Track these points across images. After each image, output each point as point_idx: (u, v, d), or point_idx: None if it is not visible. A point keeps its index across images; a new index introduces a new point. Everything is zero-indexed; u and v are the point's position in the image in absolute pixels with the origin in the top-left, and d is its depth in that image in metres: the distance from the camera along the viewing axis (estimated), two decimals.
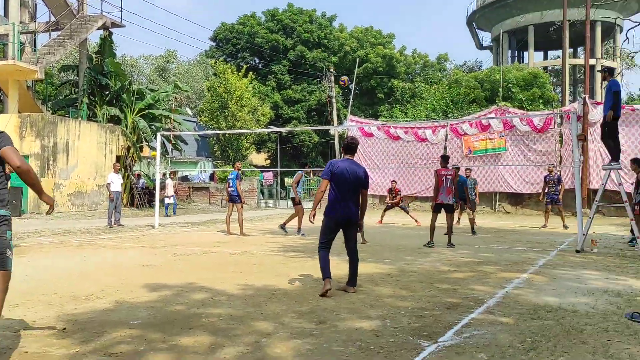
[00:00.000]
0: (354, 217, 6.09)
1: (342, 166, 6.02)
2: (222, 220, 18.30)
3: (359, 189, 6.09)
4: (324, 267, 5.96)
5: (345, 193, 5.98)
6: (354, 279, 6.15)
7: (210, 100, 34.67)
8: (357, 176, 6.02)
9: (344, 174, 5.97)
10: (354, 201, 6.06)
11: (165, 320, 4.86)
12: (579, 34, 37.06)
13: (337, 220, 6.05)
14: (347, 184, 5.97)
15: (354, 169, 6.04)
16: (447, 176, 10.40)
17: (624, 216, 15.83)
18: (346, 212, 5.99)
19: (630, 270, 7.58)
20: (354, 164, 6.13)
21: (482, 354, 3.89)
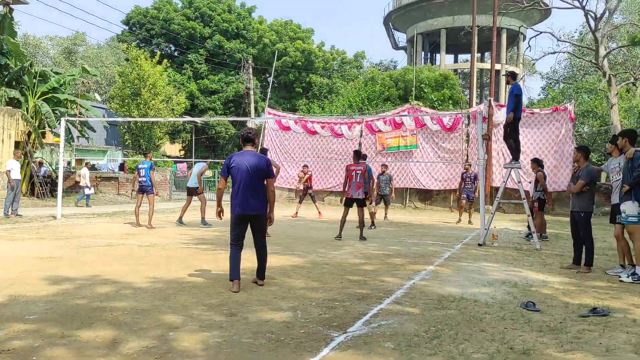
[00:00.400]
0: (257, 211, 5.82)
1: (240, 159, 5.82)
2: (131, 211, 17.59)
3: (262, 181, 5.86)
4: (232, 267, 5.77)
5: (244, 187, 5.75)
6: (262, 271, 6.04)
7: (122, 87, 33.09)
8: (256, 168, 5.78)
9: (240, 167, 5.76)
10: (256, 194, 5.80)
11: (65, 314, 4.59)
12: (486, 39, 39.11)
13: (237, 216, 5.81)
14: (246, 177, 5.75)
15: (253, 161, 5.81)
16: (357, 171, 10.62)
17: (521, 213, 16.94)
18: (246, 205, 5.75)
19: (525, 263, 8.11)
20: (253, 155, 5.90)
21: (389, 343, 4.00)
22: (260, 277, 6.02)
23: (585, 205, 7.50)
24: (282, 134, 23.65)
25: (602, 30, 25.68)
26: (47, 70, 23.79)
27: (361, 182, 10.64)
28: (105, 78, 50.31)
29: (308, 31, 48.12)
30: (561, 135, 19.62)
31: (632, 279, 6.60)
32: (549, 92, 46.71)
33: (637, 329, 4.49)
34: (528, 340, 4.12)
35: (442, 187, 21.37)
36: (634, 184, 6.59)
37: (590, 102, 36.98)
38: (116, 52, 54.12)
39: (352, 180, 10.62)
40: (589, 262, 7.42)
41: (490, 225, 10.77)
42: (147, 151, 13.31)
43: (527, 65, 38.31)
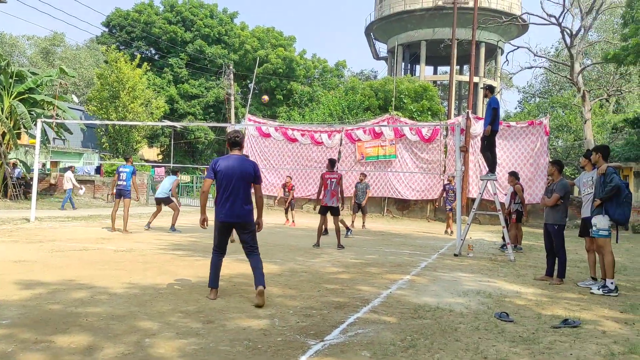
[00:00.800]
0: (244, 219, 5.58)
1: (226, 164, 5.56)
2: (107, 215, 17.37)
3: (249, 186, 5.60)
4: (212, 274, 5.64)
5: (230, 192, 5.50)
6: (261, 277, 5.53)
7: (100, 89, 32.73)
8: (243, 172, 5.54)
9: (227, 172, 5.51)
10: (243, 200, 5.54)
11: (38, 319, 4.53)
12: (465, 52, 39.73)
13: (222, 222, 5.59)
14: (232, 181, 5.50)
15: (240, 165, 5.56)
16: (332, 179, 10.71)
17: (497, 224, 17.19)
18: (231, 212, 5.51)
19: (500, 274, 8.24)
20: (240, 159, 5.63)
21: (365, 352, 4.04)
22: (260, 282, 5.48)
23: (559, 218, 7.66)
24: (263, 140, 23.63)
25: (578, 46, 26.32)
26: (24, 71, 23.42)
27: (336, 190, 10.74)
28: (83, 80, 49.67)
29: (290, 39, 48.26)
30: (536, 149, 19.99)
31: (603, 291, 6.75)
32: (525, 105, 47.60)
33: (606, 340, 4.61)
34: (501, 350, 4.19)
35: (419, 197, 21.57)
36: (606, 199, 6.76)
37: (565, 116, 37.79)
38: (95, 54, 53.51)
39: (327, 189, 10.73)
40: (561, 274, 7.57)
41: (466, 236, 10.92)
42: (129, 155, 13.17)
43: (504, 79, 39.01)
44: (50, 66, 45.38)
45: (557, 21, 25.94)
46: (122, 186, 12.25)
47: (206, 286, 6.18)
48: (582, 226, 7.59)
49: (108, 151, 35.07)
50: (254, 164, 5.73)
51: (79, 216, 16.63)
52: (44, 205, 20.00)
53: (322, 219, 10.96)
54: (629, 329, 5.05)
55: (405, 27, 46.11)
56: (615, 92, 34.58)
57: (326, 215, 11.01)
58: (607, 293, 6.70)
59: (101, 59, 45.30)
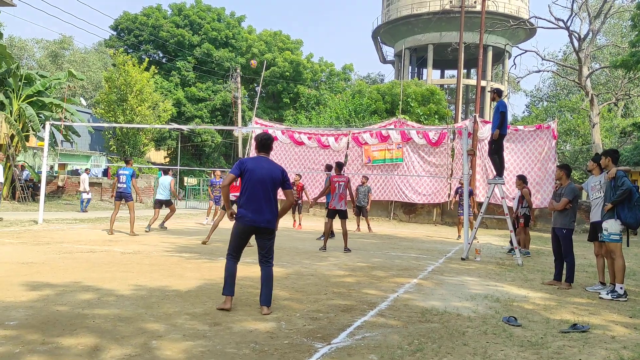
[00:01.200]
0: (268, 225, 5.27)
1: (255, 165, 5.28)
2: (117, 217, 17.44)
3: (275, 191, 5.36)
4: (227, 281, 5.26)
5: (257, 195, 5.21)
6: (268, 297, 5.27)
7: (108, 92, 32.89)
8: (272, 176, 5.28)
9: (256, 174, 5.23)
10: (269, 206, 5.26)
11: (46, 320, 4.54)
12: (472, 56, 39.72)
13: (245, 226, 5.25)
14: (260, 184, 5.22)
15: (269, 168, 5.31)
16: (340, 183, 10.68)
17: (504, 228, 17.11)
18: (257, 217, 5.20)
19: (507, 278, 8.19)
20: (269, 162, 5.39)
21: (372, 355, 4.02)
22: (265, 302, 5.24)
23: (567, 222, 7.61)
24: None
25: (586, 50, 26.21)
26: (33, 74, 23.58)
27: (344, 194, 10.70)
28: (91, 83, 49.98)
29: (297, 42, 48.35)
30: (544, 153, 19.88)
31: (612, 296, 6.69)
32: (533, 109, 47.46)
33: (615, 345, 4.56)
34: (510, 355, 4.16)
35: (426, 201, 21.50)
36: (617, 203, 6.70)
37: (573, 120, 37.64)
38: (103, 57, 53.83)
39: (335, 192, 10.68)
40: (569, 279, 7.51)
41: (473, 239, 10.86)
42: (129, 158, 13.16)
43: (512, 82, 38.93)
44: (58, 69, 45.72)
45: (565, 25, 25.85)
46: (122, 189, 12.19)
47: (213, 288, 6.18)
48: (591, 230, 7.52)
49: (115, 154, 35.22)
50: (282, 169, 5.49)
51: (87, 218, 16.70)
52: (51, 208, 20.09)
53: (330, 222, 10.94)
54: (639, 334, 5.00)
55: (413, 30, 46.14)
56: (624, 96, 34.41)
57: (333, 219, 10.97)
58: (616, 298, 6.64)
59: (109, 62, 45.58)
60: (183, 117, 43.07)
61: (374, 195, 21.15)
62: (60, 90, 27.66)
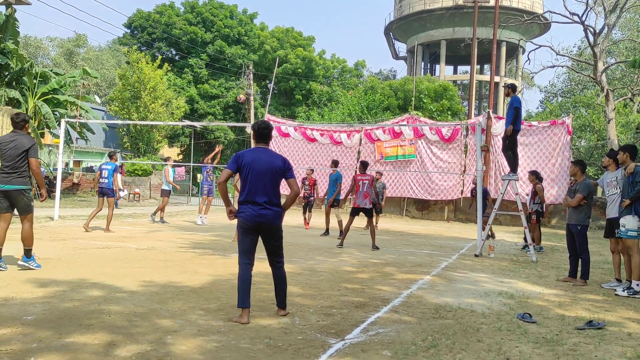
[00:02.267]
0: (272, 222, 4.85)
1: (252, 156, 4.87)
2: (127, 214, 17.60)
3: (278, 183, 4.93)
4: (240, 291, 4.72)
5: (257, 189, 4.81)
6: (283, 298, 5.02)
7: (122, 89, 33.17)
8: (272, 167, 4.85)
9: (254, 167, 4.82)
10: (272, 200, 4.85)
11: (61, 316, 4.59)
12: (486, 51, 39.33)
13: (247, 223, 4.82)
14: (260, 177, 4.81)
15: (268, 159, 4.88)
16: (364, 181, 10.64)
17: (518, 224, 16.99)
18: (258, 213, 4.79)
19: (522, 275, 8.13)
20: (268, 152, 4.96)
21: (386, 351, 4.02)
22: (281, 305, 5.01)
23: (582, 219, 7.54)
24: (282, 140, 23.69)
25: (601, 45, 25.87)
26: (48, 71, 23.81)
27: (368, 192, 10.60)
28: (105, 80, 50.38)
29: (309, 39, 48.31)
30: (558, 149, 19.69)
31: (628, 292, 6.62)
32: (547, 105, 46.96)
33: (632, 342, 4.52)
34: (525, 352, 4.13)
35: (439, 198, 21.41)
36: (636, 198, 6.62)
37: (588, 116, 37.20)
38: (117, 55, 54.24)
39: (359, 190, 10.61)
40: (584, 275, 7.45)
41: (487, 236, 10.80)
42: (113, 152, 12.65)
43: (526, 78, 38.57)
44: (73, 67, 46.16)
45: (580, 19, 25.52)
46: (103, 184, 11.74)
47: (227, 284, 6.22)
48: (607, 227, 7.44)
49: (129, 151, 35.52)
50: (284, 157, 5.02)
51: (101, 215, 16.84)
52: (67, 204, 20.30)
53: (351, 219, 10.86)
54: None
55: (425, 26, 45.86)
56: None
57: (354, 217, 10.88)
58: (632, 295, 6.57)
59: (123, 60, 45.91)
60: (196, 114, 43.27)
61: (389, 192, 21.07)
62: (74, 88, 27.93)
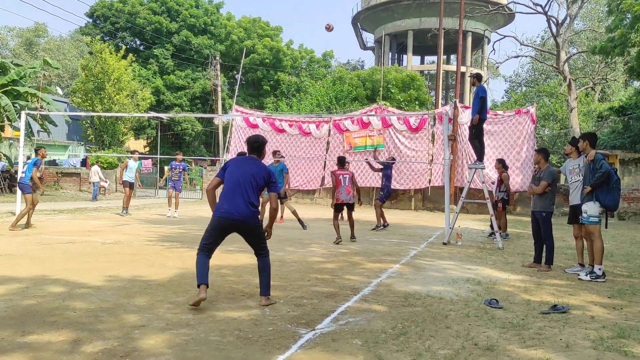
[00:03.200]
0: (247, 218, 4.95)
1: (238, 163, 5.16)
2: (93, 208, 17.24)
3: (257, 190, 5.06)
4: (198, 272, 4.94)
5: (234, 189, 4.97)
6: (264, 287, 5.14)
7: (85, 81, 32.33)
8: (255, 173, 5.04)
9: (236, 169, 5.07)
10: (246, 200, 4.96)
11: (24, 314, 4.46)
12: (452, 42, 39.76)
13: (219, 218, 4.95)
14: (239, 179, 5.00)
15: (252, 166, 5.10)
16: (344, 175, 10.51)
17: (484, 212, 17.29)
18: (232, 209, 4.91)
19: (488, 261, 8.28)
20: (256, 162, 5.19)
21: (356, 340, 4.03)
22: (262, 292, 5.13)
23: (547, 205, 7.70)
24: (250, 131, 23.47)
25: (564, 35, 26.43)
26: (7, 62, 23.06)
27: (350, 186, 10.55)
28: (67, 71, 49.03)
29: (277, 29, 47.97)
30: (523, 137, 20.07)
31: (590, 277, 6.81)
32: (512, 95, 47.83)
33: (595, 325, 4.65)
34: (492, 337, 4.21)
35: (407, 187, 21.60)
36: (597, 185, 6.79)
37: (551, 105, 38.05)
38: (79, 45, 52.78)
39: (340, 185, 10.49)
40: (549, 261, 7.62)
41: (454, 224, 10.95)
42: (39, 147, 11.72)
43: (491, 68, 39.15)
44: (33, 58, 44.75)
45: (543, 10, 26.01)
46: (21, 179, 11.00)
47: (195, 277, 6.15)
48: (570, 213, 7.62)
49: (94, 143, 34.74)
50: (270, 170, 5.20)
51: (65, 209, 16.46)
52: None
53: (336, 215, 10.77)
54: (617, 314, 5.10)
55: (392, 16, 46.02)
56: (601, 81, 34.84)
57: (339, 212, 10.79)
58: (594, 279, 6.76)
59: (85, 50, 44.74)
60: (162, 105, 42.58)
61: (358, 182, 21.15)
62: (35, 79, 27.16)
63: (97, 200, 21.68)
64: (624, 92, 39.20)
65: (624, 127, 24.74)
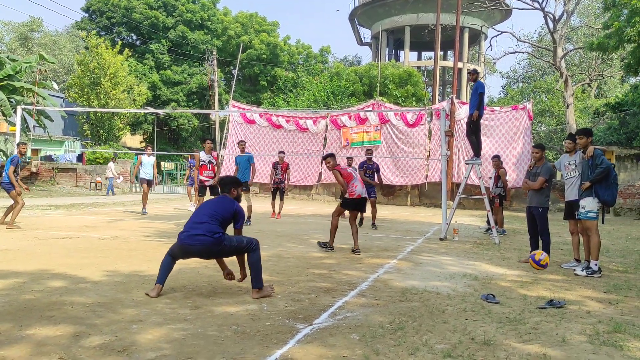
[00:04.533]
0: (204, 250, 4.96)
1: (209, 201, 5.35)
2: (89, 204, 17.20)
3: (223, 222, 5.09)
4: (160, 271, 5.10)
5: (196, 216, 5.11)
6: (254, 280, 5.12)
7: (81, 76, 32.19)
8: (223, 206, 5.17)
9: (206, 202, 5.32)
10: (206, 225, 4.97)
11: (21, 308, 4.46)
12: (449, 38, 39.76)
13: (181, 249, 5.03)
14: (204, 208, 5.20)
15: (222, 201, 5.25)
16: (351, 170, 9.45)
17: (481, 208, 17.33)
18: (188, 236, 4.96)
19: (485, 257, 8.31)
20: (226, 198, 5.32)
21: (354, 334, 4.05)
22: (253, 285, 5.13)
23: (544, 201, 7.73)
24: (247, 127, 23.48)
25: (560, 31, 26.45)
26: (3, 57, 22.95)
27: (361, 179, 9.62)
28: (63, 66, 48.83)
29: (273, 24, 47.84)
30: (520, 133, 20.13)
31: (587, 272, 6.84)
32: (509, 91, 47.91)
33: (591, 319, 4.67)
34: (489, 331, 4.23)
35: (404, 183, 21.63)
36: (596, 181, 6.80)
37: (548, 101, 38.12)
38: (75, 40, 52.59)
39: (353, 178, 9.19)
40: None
41: (451, 220, 10.98)
42: (19, 143, 11.28)
43: (487, 64, 39.14)
44: (29, 53, 44.56)
45: (540, 6, 26.03)
46: (3, 179, 10.46)
47: (192, 272, 6.17)
48: (566, 209, 7.64)
49: (90, 139, 34.64)
50: (239, 207, 5.23)
51: (62, 204, 16.42)
52: (25, 194, 19.69)
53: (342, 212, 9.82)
54: (613, 308, 5.13)
55: (390, 12, 45.97)
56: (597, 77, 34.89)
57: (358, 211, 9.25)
58: (590, 274, 6.79)
59: (81, 45, 44.60)
60: (159, 100, 42.47)
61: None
62: (31, 74, 27.03)
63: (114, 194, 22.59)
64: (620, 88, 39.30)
65: (620, 124, 24.83)
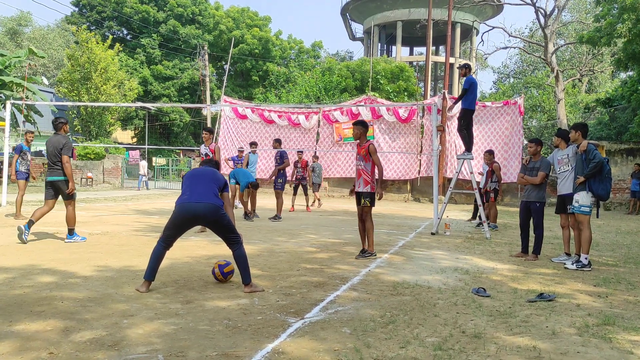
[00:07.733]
0: (207, 203, 5.02)
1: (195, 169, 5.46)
2: (80, 199, 17.10)
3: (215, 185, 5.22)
4: (150, 265, 5.05)
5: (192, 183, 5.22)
6: (244, 274, 5.13)
7: (71, 70, 31.93)
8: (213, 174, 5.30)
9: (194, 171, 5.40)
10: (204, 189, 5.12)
11: (11, 303, 4.43)
12: (440, 33, 39.82)
13: (180, 207, 5.10)
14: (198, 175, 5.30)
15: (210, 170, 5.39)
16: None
17: (472, 203, 17.38)
18: (191, 198, 5.06)
19: (476, 251, 8.35)
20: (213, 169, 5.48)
21: (345, 328, 4.05)
22: (243, 281, 5.14)
23: (541, 196, 7.72)
24: (239, 122, 23.41)
25: (551, 27, 26.55)
26: None
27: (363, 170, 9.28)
28: (53, 61, 48.43)
29: (265, 19, 47.66)
30: (511, 128, 20.21)
31: (577, 266, 6.89)
32: (500, 86, 48.05)
33: (581, 312, 4.71)
34: (479, 325, 4.25)
35: (397, 178, 21.68)
36: (590, 175, 6.83)
37: (539, 96, 38.29)
38: (65, 35, 52.13)
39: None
40: (537, 251, 7.69)
41: (442, 214, 11.02)
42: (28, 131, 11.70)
43: (479, 59, 39.26)
44: (18, 47, 44.15)
45: (532, 1, 26.09)
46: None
47: (184, 267, 6.15)
48: (558, 203, 7.67)
49: (80, 134, 34.40)
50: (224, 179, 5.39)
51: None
52: (15, 190, 19.54)
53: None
54: (602, 301, 5.17)
55: (381, 7, 45.89)
56: (588, 72, 35.08)
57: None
58: (580, 268, 6.84)
59: (71, 40, 44.22)
60: (150, 95, 42.24)
61: (347, 173, 21.25)
62: (20, 68, 26.79)
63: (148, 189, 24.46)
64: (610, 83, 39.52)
65: (610, 119, 24.98)
